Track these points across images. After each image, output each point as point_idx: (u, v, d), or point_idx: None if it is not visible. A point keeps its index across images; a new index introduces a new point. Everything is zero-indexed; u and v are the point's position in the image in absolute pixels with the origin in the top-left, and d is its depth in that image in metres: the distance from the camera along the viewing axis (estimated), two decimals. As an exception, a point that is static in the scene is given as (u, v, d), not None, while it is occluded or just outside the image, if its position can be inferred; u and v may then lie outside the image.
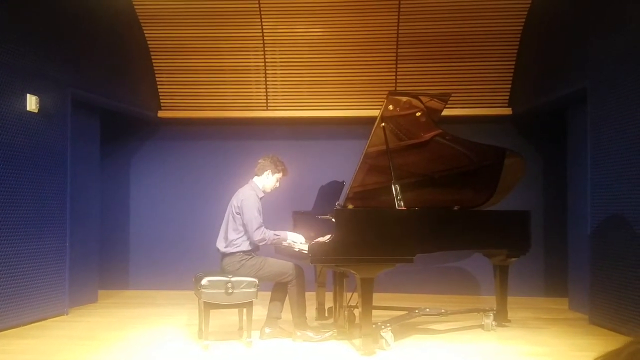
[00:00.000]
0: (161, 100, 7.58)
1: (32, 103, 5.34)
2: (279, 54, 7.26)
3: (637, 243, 4.80)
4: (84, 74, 6.19)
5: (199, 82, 7.47)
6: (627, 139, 4.97)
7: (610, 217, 5.22)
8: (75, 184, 6.06)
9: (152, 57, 7.35)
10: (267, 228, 4.72)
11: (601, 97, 5.37)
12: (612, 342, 4.78)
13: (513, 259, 5.32)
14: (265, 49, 7.20)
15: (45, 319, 5.53)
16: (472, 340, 4.84)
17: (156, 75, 7.47)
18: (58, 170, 5.75)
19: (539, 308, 6.46)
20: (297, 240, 4.80)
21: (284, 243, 4.85)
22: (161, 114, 7.58)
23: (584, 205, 5.75)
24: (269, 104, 7.51)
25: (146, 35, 7.19)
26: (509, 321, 5.42)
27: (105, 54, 6.60)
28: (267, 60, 7.27)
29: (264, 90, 7.44)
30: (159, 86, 7.52)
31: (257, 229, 4.64)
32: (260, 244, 4.73)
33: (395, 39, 7.01)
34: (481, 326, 5.22)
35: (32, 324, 5.32)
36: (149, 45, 7.27)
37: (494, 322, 5.21)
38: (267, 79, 7.38)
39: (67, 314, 5.81)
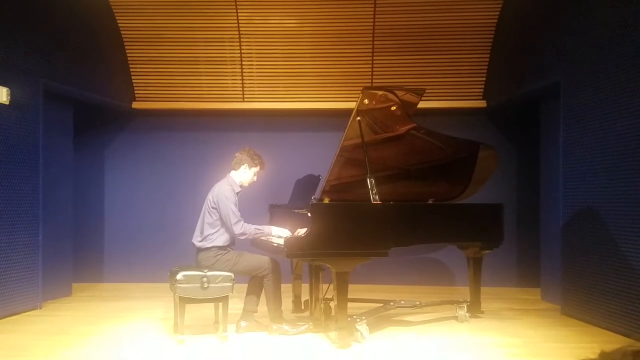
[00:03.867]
0: (135, 91, 7.49)
1: (2, 95, 5.22)
2: (255, 45, 7.21)
3: (609, 235, 4.90)
4: (56, 65, 6.07)
5: (174, 73, 7.38)
6: (598, 133, 5.05)
7: (582, 209, 5.32)
8: (47, 177, 5.96)
9: (126, 47, 7.25)
10: (246, 222, 4.70)
11: (574, 90, 5.44)
12: (584, 333, 4.89)
13: (486, 251, 5.40)
14: (241, 39, 7.15)
15: (18, 313, 5.45)
16: (446, 331, 4.91)
17: (130, 66, 7.36)
18: (30, 162, 5.65)
19: (511, 298, 6.57)
20: (283, 235, 4.68)
21: (268, 238, 4.81)
22: (135, 105, 7.49)
23: (556, 197, 5.84)
24: (245, 96, 7.46)
25: (119, 25, 7.07)
26: (483, 312, 5.51)
27: (78, 44, 6.48)
28: (243, 51, 7.22)
29: (240, 81, 7.39)
30: (132, 77, 7.42)
31: (236, 222, 4.62)
32: (241, 237, 4.71)
33: (371, 31, 7.01)
34: (455, 317, 5.29)
35: (5, 319, 5.25)
36: (123, 35, 7.16)
37: (467, 314, 5.29)
38: (244, 70, 7.33)
39: (40, 308, 5.74)
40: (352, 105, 4.70)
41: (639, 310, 4.51)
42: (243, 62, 7.29)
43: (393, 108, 4.77)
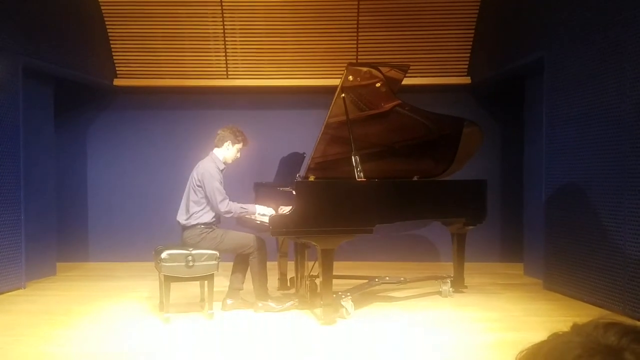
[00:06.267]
0: (117, 68, 7.37)
1: (-21, 72, 5.13)
2: (239, 21, 7.10)
3: (590, 210, 4.96)
4: (36, 42, 5.94)
5: (156, 49, 7.26)
6: (581, 109, 5.09)
7: (564, 184, 5.37)
8: (28, 156, 5.87)
9: (107, 22, 7.10)
10: (231, 200, 4.70)
11: (557, 66, 5.46)
12: (565, 306, 4.98)
13: (470, 227, 5.45)
14: (224, 14, 7.03)
15: (1, 293, 5.41)
16: (430, 307, 4.96)
17: (111, 42, 7.23)
18: (10, 142, 5.56)
19: (494, 273, 6.66)
20: (267, 213, 4.67)
21: (253, 216, 4.82)
22: (117, 82, 7.37)
23: (539, 173, 5.89)
24: (229, 72, 7.38)
25: None
26: (466, 287, 5.58)
27: (58, 20, 6.34)
28: (226, 27, 7.11)
29: (224, 58, 7.30)
30: (114, 53, 7.29)
31: (221, 201, 4.61)
32: (227, 215, 4.71)
33: (356, 7, 6.94)
34: (439, 293, 5.35)
35: (-12, 299, 5.23)
36: (103, 10, 7.01)
37: (451, 289, 5.35)
38: (227, 46, 7.23)
39: (24, 288, 5.71)
40: (336, 82, 4.68)
41: (618, 284, 4.60)
42: (226, 38, 7.19)
43: (378, 85, 4.76)
